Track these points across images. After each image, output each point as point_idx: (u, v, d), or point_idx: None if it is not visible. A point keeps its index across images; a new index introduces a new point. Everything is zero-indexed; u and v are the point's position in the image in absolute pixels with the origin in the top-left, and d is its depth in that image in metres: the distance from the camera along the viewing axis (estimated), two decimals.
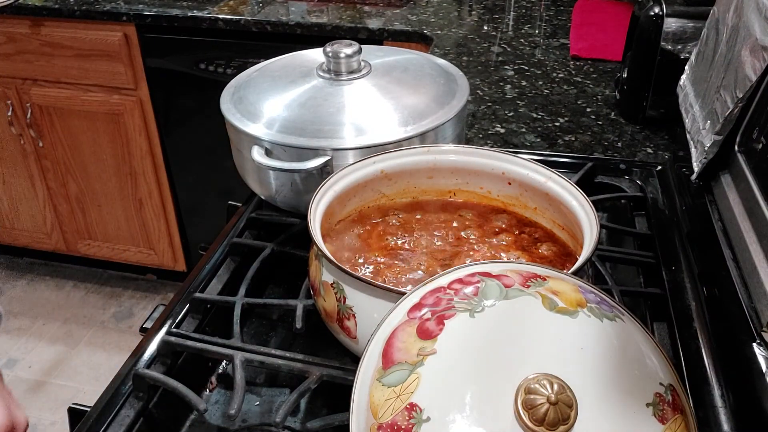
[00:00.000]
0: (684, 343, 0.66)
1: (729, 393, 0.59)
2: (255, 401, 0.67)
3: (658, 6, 1.05)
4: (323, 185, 0.69)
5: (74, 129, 2.00)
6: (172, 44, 1.79)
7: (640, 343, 0.45)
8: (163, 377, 0.63)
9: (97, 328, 2.25)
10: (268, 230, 0.86)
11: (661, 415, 0.41)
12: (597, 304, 0.47)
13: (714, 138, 0.78)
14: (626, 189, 0.91)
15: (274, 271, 0.81)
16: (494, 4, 1.80)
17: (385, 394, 0.42)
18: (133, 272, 2.40)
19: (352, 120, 0.78)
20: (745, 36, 0.72)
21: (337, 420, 0.57)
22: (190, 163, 2.00)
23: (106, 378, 0.66)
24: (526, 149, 1.05)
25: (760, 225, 0.67)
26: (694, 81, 0.92)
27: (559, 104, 1.21)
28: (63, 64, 1.88)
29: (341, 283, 0.59)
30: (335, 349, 0.67)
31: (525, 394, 0.39)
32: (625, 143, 1.08)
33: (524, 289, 0.46)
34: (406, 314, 0.47)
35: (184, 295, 0.74)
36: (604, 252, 0.79)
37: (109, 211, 2.15)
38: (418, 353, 0.43)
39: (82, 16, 1.78)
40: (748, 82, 0.70)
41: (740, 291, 0.65)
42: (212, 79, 1.78)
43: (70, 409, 0.66)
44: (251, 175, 0.84)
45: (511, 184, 0.74)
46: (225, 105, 0.84)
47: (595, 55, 1.42)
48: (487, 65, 1.39)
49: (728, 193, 0.76)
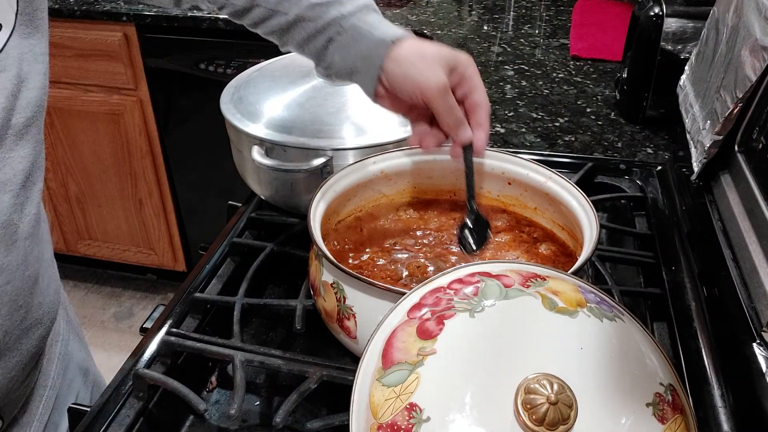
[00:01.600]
0: (684, 343, 0.66)
1: (729, 393, 0.59)
2: (255, 401, 0.67)
3: (658, 6, 1.05)
4: (323, 185, 0.69)
5: (74, 129, 2.00)
6: (172, 44, 1.78)
7: (640, 343, 0.45)
8: (163, 377, 0.63)
9: (97, 328, 2.25)
10: (268, 230, 0.86)
11: (661, 415, 0.41)
12: (597, 304, 0.47)
13: (714, 138, 0.78)
14: (626, 189, 0.91)
15: (274, 271, 0.81)
16: (494, 4, 1.80)
17: (385, 394, 0.42)
18: (133, 272, 2.40)
19: (352, 120, 0.78)
20: (745, 36, 0.72)
21: (337, 420, 0.57)
22: (190, 163, 2.00)
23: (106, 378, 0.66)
24: (526, 149, 1.05)
25: (760, 225, 0.67)
26: (694, 81, 0.92)
27: (559, 104, 1.21)
28: (63, 64, 1.88)
29: (341, 283, 0.59)
30: (335, 349, 0.67)
31: (525, 394, 0.39)
32: (625, 143, 1.08)
33: (524, 289, 0.46)
34: (406, 314, 0.47)
35: (184, 295, 0.74)
36: (604, 252, 0.79)
37: (109, 211, 2.15)
38: (418, 353, 0.43)
39: (82, 16, 1.78)
40: (748, 82, 0.70)
41: (740, 291, 0.66)
42: (212, 79, 1.78)
43: (70, 409, 0.66)
44: (251, 175, 0.84)
45: (511, 184, 0.74)
46: (225, 105, 0.84)
47: (595, 55, 1.42)
48: (487, 65, 1.39)
49: (728, 193, 0.76)
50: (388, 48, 0.62)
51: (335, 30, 0.64)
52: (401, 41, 0.62)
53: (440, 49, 0.63)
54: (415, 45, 0.63)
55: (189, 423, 0.65)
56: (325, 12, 0.64)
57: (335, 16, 0.64)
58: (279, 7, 0.66)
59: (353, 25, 0.63)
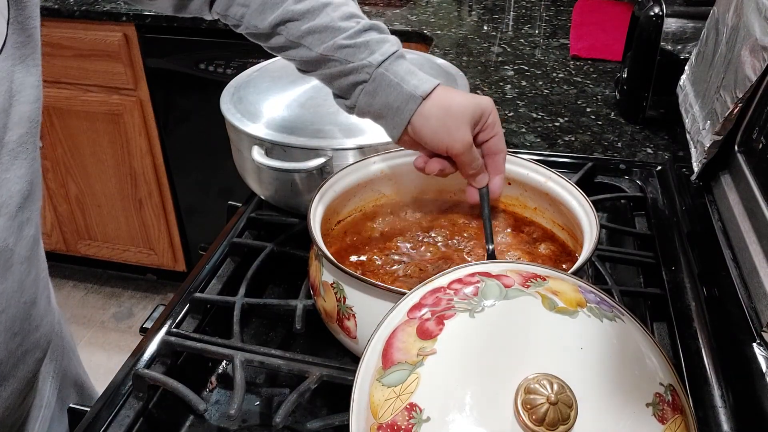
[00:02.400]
0: (684, 343, 0.66)
1: (729, 393, 0.59)
2: (255, 401, 0.67)
3: (658, 6, 1.05)
4: (323, 185, 0.69)
5: (74, 129, 2.00)
6: (172, 44, 1.78)
7: (640, 343, 0.45)
8: (163, 377, 0.63)
9: (97, 328, 2.25)
10: (268, 230, 0.86)
11: (661, 415, 0.41)
12: (597, 304, 0.47)
13: (714, 138, 0.78)
14: (626, 189, 0.91)
15: (274, 271, 0.81)
16: (494, 4, 1.80)
17: (385, 394, 0.42)
18: (133, 272, 2.40)
19: (352, 120, 0.78)
20: (745, 36, 0.72)
21: (337, 420, 0.57)
22: (190, 163, 2.00)
23: (106, 378, 0.66)
24: (526, 149, 1.05)
25: (760, 225, 0.67)
26: (694, 81, 0.92)
27: (559, 104, 1.21)
28: (63, 64, 1.88)
29: (341, 283, 0.59)
30: (335, 349, 0.67)
31: (525, 394, 0.39)
32: (625, 143, 1.08)
33: (524, 289, 0.46)
34: (406, 314, 0.47)
35: (184, 295, 0.74)
36: (604, 252, 0.79)
37: (109, 212, 2.15)
38: (418, 353, 0.43)
39: (82, 16, 1.78)
40: (748, 82, 0.70)
41: (740, 291, 0.66)
42: (212, 79, 1.78)
43: (70, 409, 0.66)
44: (251, 175, 0.84)
45: (511, 184, 0.74)
46: (225, 105, 0.84)
47: (595, 55, 1.42)
48: (487, 65, 1.39)
49: (728, 193, 0.76)
50: (417, 104, 0.62)
51: (362, 77, 0.62)
52: (430, 96, 0.62)
53: (466, 100, 0.62)
54: (442, 99, 0.62)
55: (189, 423, 0.65)
56: (353, 56, 0.62)
57: (363, 63, 0.62)
58: (303, 41, 0.64)
59: (382, 75, 0.62)
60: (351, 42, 0.62)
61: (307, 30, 0.63)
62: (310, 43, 0.63)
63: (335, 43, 0.62)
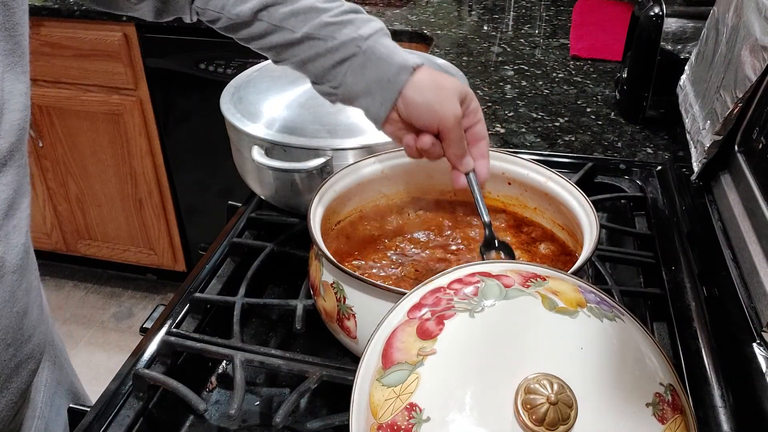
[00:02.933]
0: (684, 343, 0.66)
1: (729, 393, 0.59)
2: (255, 401, 0.67)
3: (658, 6, 1.05)
4: (323, 185, 0.69)
5: (74, 129, 2.00)
6: (172, 44, 1.78)
7: (640, 343, 0.45)
8: (163, 377, 0.63)
9: (96, 328, 2.25)
10: (268, 230, 0.86)
11: (661, 415, 0.41)
12: (597, 304, 0.47)
13: (714, 138, 0.78)
14: (626, 189, 0.92)
15: (274, 271, 0.81)
16: (494, 4, 1.80)
17: (385, 394, 0.42)
18: (133, 272, 2.40)
19: (352, 120, 0.78)
20: (745, 36, 0.72)
21: (337, 420, 0.57)
22: (190, 163, 2.00)
23: (106, 378, 0.66)
24: (526, 149, 1.05)
25: (760, 225, 0.67)
26: (694, 81, 0.92)
27: (559, 104, 1.21)
28: (62, 64, 1.88)
29: (341, 283, 0.59)
30: (335, 349, 0.67)
31: (525, 394, 0.39)
32: (625, 143, 1.08)
33: (524, 289, 0.46)
34: (406, 314, 0.47)
35: (184, 295, 0.74)
36: (604, 252, 0.79)
37: (108, 211, 2.15)
38: (418, 353, 0.43)
39: (82, 16, 1.78)
40: (748, 82, 0.70)
41: (740, 291, 0.66)
42: (212, 79, 1.78)
43: (70, 410, 0.66)
44: (251, 175, 0.84)
45: (511, 184, 0.74)
46: (225, 105, 0.84)
47: (595, 55, 1.42)
48: (487, 65, 1.39)
49: (728, 193, 0.76)
50: (409, 73, 0.62)
51: (350, 51, 0.62)
52: (420, 68, 0.62)
53: (453, 80, 0.63)
54: (432, 74, 0.63)
55: (189, 423, 0.65)
56: (339, 32, 0.62)
57: (351, 37, 0.62)
58: (285, 24, 0.64)
59: (371, 48, 0.62)
60: (336, 20, 0.63)
61: (290, 12, 0.63)
62: (293, 26, 0.63)
63: (320, 21, 0.63)
